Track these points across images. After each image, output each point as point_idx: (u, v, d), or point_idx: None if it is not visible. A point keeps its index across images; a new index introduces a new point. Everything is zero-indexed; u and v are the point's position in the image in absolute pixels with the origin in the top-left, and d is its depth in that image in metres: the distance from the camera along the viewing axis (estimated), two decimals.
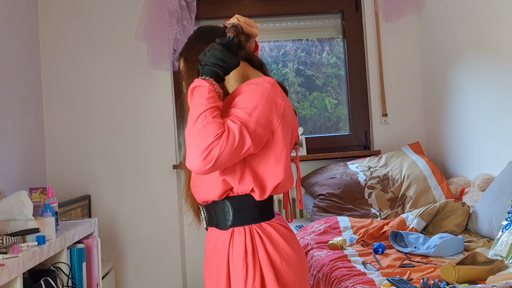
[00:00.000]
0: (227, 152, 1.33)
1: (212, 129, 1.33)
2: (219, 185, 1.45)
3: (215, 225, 1.52)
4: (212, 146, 1.31)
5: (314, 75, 3.92)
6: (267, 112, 1.40)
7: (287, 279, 1.43)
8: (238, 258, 1.43)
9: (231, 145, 1.33)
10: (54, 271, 2.01)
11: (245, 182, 1.43)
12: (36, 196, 2.27)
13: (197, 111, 1.36)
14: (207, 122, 1.34)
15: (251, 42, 1.57)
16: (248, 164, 1.43)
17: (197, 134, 1.34)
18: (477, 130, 3.07)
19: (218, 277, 1.48)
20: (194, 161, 1.33)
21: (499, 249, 2.15)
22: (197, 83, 1.41)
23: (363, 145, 3.81)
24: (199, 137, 1.33)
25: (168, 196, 3.54)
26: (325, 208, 3.15)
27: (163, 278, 3.53)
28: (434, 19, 3.51)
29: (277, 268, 1.43)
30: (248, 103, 1.39)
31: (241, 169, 1.42)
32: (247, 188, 1.44)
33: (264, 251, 1.43)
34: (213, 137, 1.32)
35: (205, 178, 1.47)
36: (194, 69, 1.53)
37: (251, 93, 1.41)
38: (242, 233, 1.45)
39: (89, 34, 3.53)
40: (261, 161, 1.43)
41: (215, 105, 1.37)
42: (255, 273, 1.41)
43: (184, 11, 3.44)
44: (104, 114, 3.53)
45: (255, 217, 1.46)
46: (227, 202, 1.47)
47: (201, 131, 1.33)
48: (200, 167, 1.32)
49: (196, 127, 1.34)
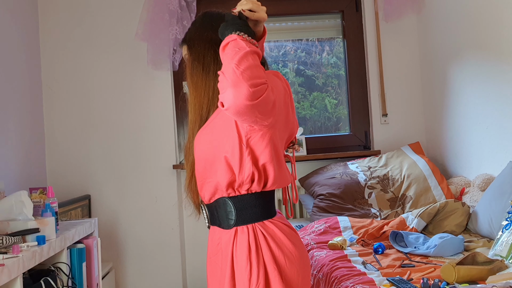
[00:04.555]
0: (270, 101, 1.28)
1: (262, 72, 1.28)
2: (225, 173, 1.42)
3: (217, 224, 1.52)
4: (263, 85, 1.26)
5: (314, 75, 3.92)
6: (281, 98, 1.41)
7: (290, 277, 1.43)
8: (242, 256, 1.43)
9: (274, 100, 1.30)
10: (54, 271, 2.01)
11: (245, 167, 1.41)
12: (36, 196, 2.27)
13: (241, 51, 1.28)
14: (257, 64, 1.28)
15: (260, 26, 1.52)
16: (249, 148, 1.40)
17: (248, 69, 1.25)
18: (477, 130, 3.07)
19: (222, 275, 1.48)
20: (243, 90, 1.24)
21: (499, 249, 2.15)
22: (229, 39, 1.34)
23: (363, 145, 3.81)
24: (250, 72, 1.25)
25: (168, 196, 3.54)
26: (325, 208, 3.15)
27: (163, 278, 3.53)
28: (434, 19, 3.51)
29: (281, 266, 1.43)
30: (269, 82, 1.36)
31: (240, 153, 1.40)
32: (248, 174, 1.41)
33: (268, 249, 1.43)
34: (264, 79, 1.27)
35: (213, 167, 1.45)
36: (198, 59, 1.50)
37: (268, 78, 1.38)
38: (245, 232, 1.45)
39: (89, 34, 3.53)
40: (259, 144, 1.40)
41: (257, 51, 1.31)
42: (259, 271, 1.41)
43: (184, 11, 3.44)
44: (104, 114, 3.53)
45: (257, 215, 1.46)
46: (229, 202, 1.46)
47: (252, 68, 1.26)
48: (248, 97, 1.23)
49: (245, 63, 1.26)
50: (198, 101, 1.51)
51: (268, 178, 1.44)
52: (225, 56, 1.32)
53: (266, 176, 1.44)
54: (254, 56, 1.29)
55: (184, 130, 3.66)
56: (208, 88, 1.49)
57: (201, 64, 1.48)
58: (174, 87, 3.63)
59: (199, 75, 1.50)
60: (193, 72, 1.50)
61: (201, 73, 1.50)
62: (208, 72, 1.49)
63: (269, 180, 1.45)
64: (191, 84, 1.52)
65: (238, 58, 1.27)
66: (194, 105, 1.52)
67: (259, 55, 1.33)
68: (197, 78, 1.51)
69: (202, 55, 1.50)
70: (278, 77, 1.46)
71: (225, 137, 1.42)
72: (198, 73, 1.50)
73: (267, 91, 1.27)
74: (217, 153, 1.44)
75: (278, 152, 1.45)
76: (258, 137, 1.39)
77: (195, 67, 1.50)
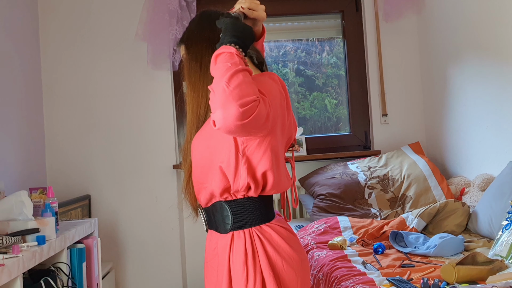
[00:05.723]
0: (262, 116, 1.27)
1: (254, 88, 1.27)
2: (219, 181, 1.41)
3: (214, 228, 1.51)
4: (253, 103, 1.25)
5: (314, 75, 3.92)
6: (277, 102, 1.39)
7: (288, 281, 1.42)
8: (238, 262, 1.41)
9: (267, 112, 1.29)
10: (54, 271, 2.01)
11: (240, 176, 1.39)
12: (36, 196, 2.27)
13: (232, 68, 1.27)
14: (247, 81, 1.27)
15: (259, 25, 1.52)
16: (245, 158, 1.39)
17: (237, 88, 1.24)
18: (477, 130, 3.07)
19: (219, 280, 1.46)
20: (232, 111, 1.23)
21: (499, 249, 2.15)
22: (224, 49, 1.32)
23: (363, 145, 3.81)
24: (240, 90, 1.24)
25: (168, 196, 3.54)
26: (325, 208, 3.15)
27: (163, 278, 3.53)
28: (434, 19, 3.51)
29: (278, 270, 1.41)
30: (263, 88, 1.36)
31: (236, 162, 1.39)
32: (242, 184, 1.40)
33: (264, 253, 1.41)
34: (255, 96, 1.25)
35: (209, 173, 1.44)
36: (196, 59, 1.48)
37: (262, 83, 1.38)
38: (242, 236, 1.43)
39: (89, 34, 3.53)
40: (257, 152, 1.39)
41: (249, 70, 1.31)
42: (256, 276, 1.40)
43: (184, 11, 3.44)
44: (104, 114, 3.53)
45: (254, 220, 1.44)
46: (226, 206, 1.45)
47: (242, 86, 1.25)
48: (238, 118, 1.23)
49: (235, 81, 1.25)
50: (196, 102, 1.49)
51: (266, 184, 1.43)
52: (216, 70, 1.30)
53: (264, 183, 1.43)
54: (245, 73, 1.28)
55: (184, 130, 3.66)
56: (206, 88, 1.46)
57: (199, 64, 1.47)
58: (174, 87, 3.63)
59: (197, 75, 1.48)
60: (190, 72, 1.48)
61: (199, 73, 1.48)
62: (206, 72, 1.46)
63: (267, 186, 1.43)
64: (189, 84, 1.50)
65: (229, 76, 1.26)
66: (192, 106, 1.50)
67: (250, 72, 1.32)
68: (195, 79, 1.49)
69: (200, 55, 1.48)
70: (273, 80, 1.44)
71: (221, 145, 1.40)
72: (196, 73, 1.49)
73: (258, 108, 1.26)
74: (213, 160, 1.43)
75: (278, 157, 1.43)
76: (255, 145, 1.37)
77: (193, 67, 1.48)
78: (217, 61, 1.32)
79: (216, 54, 1.33)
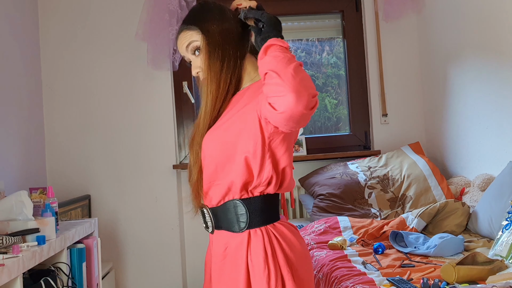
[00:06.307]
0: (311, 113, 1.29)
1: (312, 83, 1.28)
2: (242, 173, 1.41)
3: (224, 228, 1.48)
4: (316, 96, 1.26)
5: (314, 75, 3.92)
6: None
7: (302, 275, 1.43)
8: (258, 260, 1.40)
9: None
10: (54, 271, 2.01)
11: (265, 169, 1.40)
12: (36, 196, 2.26)
13: (294, 59, 1.28)
14: (309, 76, 1.28)
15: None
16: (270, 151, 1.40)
17: (305, 79, 1.25)
18: (477, 130, 3.07)
19: (233, 280, 1.44)
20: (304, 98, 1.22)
21: (499, 249, 2.15)
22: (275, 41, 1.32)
23: (363, 145, 3.81)
24: (307, 81, 1.25)
25: (168, 196, 3.54)
26: (325, 208, 3.15)
27: (163, 278, 3.53)
28: (434, 19, 3.51)
29: (294, 266, 1.42)
30: None
31: (262, 154, 1.39)
32: (267, 176, 1.40)
33: (281, 251, 1.41)
34: (314, 89, 1.27)
35: (226, 168, 1.43)
36: (219, 45, 1.47)
37: None
38: (259, 235, 1.42)
39: (89, 34, 3.53)
40: (280, 147, 1.40)
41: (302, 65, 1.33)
42: (277, 274, 1.40)
43: (184, 11, 3.44)
44: (104, 114, 3.53)
45: (269, 218, 1.44)
46: (242, 204, 1.43)
47: (308, 78, 1.26)
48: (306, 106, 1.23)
49: (301, 72, 1.26)
50: (216, 94, 1.48)
51: (284, 181, 1.44)
52: (273, 57, 1.29)
53: (283, 179, 1.44)
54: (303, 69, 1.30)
55: (184, 130, 3.66)
56: (226, 81, 1.47)
57: (223, 57, 1.46)
58: (174, 87, 3.63)
59: (219, 67, 1.47)
60: (211, 62, 1.47)
61: (222, 65, 1.48)
62: (228, 66, 1.47)
63: (284, 182, 1.44)
64: (209, 74, 1.48)
65: (294, 66, 1.25)
66: (212, 97, 1.48)
67: None
68: (217, 70, 1.47)
69: (222, 47, 1.47)
70: None
71: (246, 137, 1.39)
72: (218, 65, 1.47)
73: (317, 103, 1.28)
74: (232, 153, 1.42)
75: (292, 155, 1.46)
76: (279, 140, 1.38)
77: (216, 58, 1.47)
78: (270, 50, 1.31)
79: (268, 44, 1.33)
